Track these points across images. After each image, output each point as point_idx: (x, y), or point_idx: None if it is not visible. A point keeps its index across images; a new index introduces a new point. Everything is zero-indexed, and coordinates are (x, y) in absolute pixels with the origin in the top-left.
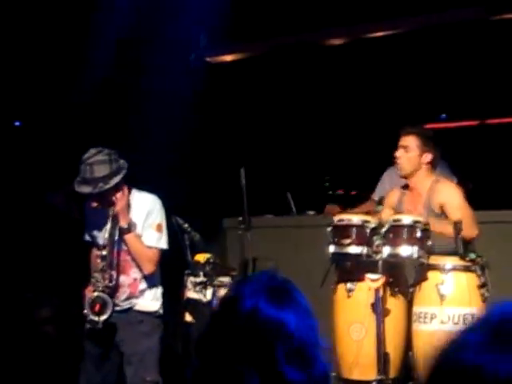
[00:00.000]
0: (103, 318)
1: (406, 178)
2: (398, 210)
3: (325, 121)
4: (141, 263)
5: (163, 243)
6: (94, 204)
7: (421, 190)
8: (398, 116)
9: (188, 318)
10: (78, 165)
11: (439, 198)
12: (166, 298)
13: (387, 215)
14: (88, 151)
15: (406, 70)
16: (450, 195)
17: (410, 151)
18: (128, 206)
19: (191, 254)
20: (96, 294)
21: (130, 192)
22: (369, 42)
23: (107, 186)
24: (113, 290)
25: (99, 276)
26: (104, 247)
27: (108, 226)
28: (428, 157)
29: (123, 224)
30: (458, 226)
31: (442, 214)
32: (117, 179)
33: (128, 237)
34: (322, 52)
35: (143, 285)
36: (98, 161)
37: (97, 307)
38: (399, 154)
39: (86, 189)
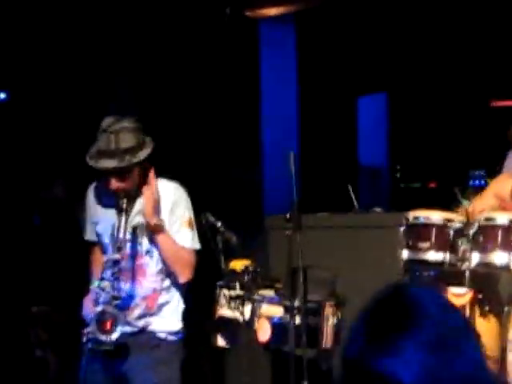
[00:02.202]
0: (115, 335)
1: None
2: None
3: (393, 91)
4: (178, 270)
5: (197, 242)
6: (115, 185)
7: None
8: (489, 86)
9: (220, 342)
10: (94, 134)
11: None
12: (192, 316)
13: (490, 205)
14: (105, 119)
15: (496, 25)
16: None
17: None
18: (157, 195)
19: (225, 261)
20: (102, 307)
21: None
22: None
23: (136, 160)
24: (123, 303)
25: (107, 285)
26: (119, 249)
27: (122, 221)
28: None
29: (152, 219)
30: None
31: None
32: (146, 152)
33: (161, 237)
34: (391, 5)
35: (164, 297)
36: (125, 128)
37: (107, 325)
38: None
39: (109, 163)
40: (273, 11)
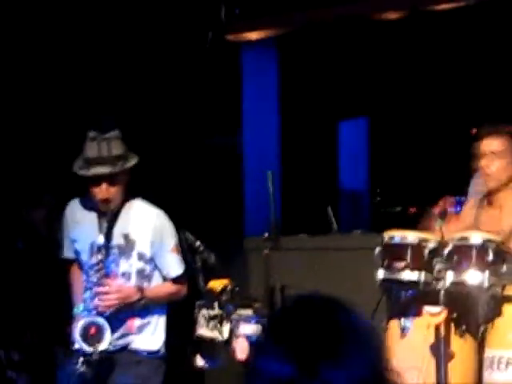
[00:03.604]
0: (101, 346)
1: (492, 192)
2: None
3: (375, 116)
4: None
5: (183, 263)
6: (104, 193)
7: (507, 207)
8: (471, 111)
9: (199, 362)
10: (82, 143)
11: None
12: (172, 336)
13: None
14: (91, 129)
15: (482, 51)
16: None
17: (502, 157)
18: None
19: (204, 281)
20: (87, 319)
21: (127, 198)
22: (433, 16)
23: (128, 165)
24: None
25: (90, 294)
26: (99, 249)
27: (103, 229)
28: None
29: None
30: None
31: None
32: (135, 160)
33: (149, 300)
34: (373, 28)
35: (143, 318)
36: (114, 137)
37: (92, 330)
38: (487, 161)
39: (103, 169)
40: (254, 36)
